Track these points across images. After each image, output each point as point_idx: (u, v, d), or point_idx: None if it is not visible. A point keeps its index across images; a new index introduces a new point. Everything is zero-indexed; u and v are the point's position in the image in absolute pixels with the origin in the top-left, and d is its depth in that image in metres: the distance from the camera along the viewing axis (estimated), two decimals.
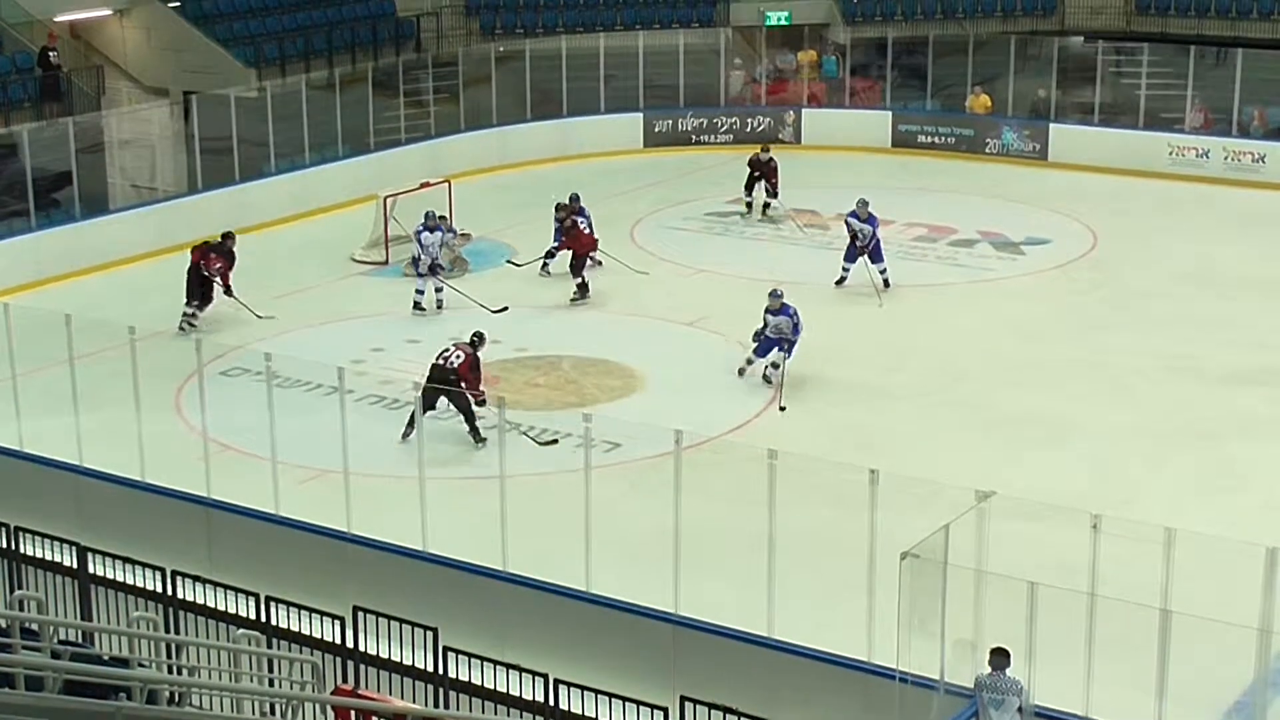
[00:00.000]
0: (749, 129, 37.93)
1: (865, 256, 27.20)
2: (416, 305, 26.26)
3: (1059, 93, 37.04)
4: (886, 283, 27.19)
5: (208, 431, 19.27)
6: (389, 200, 29.09)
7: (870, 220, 27.11)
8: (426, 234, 26.36)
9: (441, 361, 20.83)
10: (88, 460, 18.78)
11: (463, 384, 20.54)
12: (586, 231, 27.10)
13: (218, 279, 25.56)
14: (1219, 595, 14.61)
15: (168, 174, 33.35)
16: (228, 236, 26.16)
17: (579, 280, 26.86)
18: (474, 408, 20.61)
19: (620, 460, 19.22)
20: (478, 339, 21.38)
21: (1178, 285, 27.53)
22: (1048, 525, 16.83)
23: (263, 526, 17.57)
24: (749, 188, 32.14)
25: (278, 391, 18.32)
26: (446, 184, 30.32)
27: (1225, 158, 34.58)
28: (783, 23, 41.15)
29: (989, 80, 37.59)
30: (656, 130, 37.52)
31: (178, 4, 37.09)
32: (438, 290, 26.34)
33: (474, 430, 20.69)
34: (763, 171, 31.85)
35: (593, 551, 15.92)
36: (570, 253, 27.14)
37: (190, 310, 25.27)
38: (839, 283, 27.51)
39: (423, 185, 30.12)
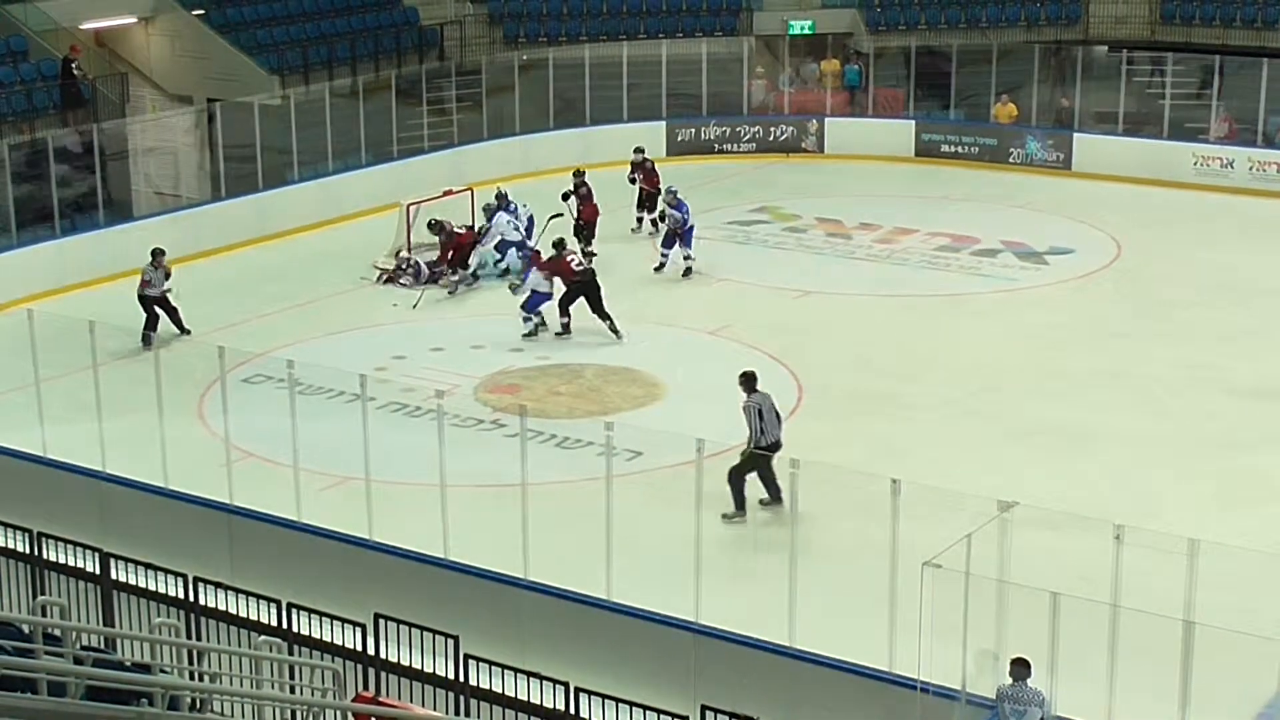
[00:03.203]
0: (772, 138, 37.94)
1: (679, 242, 28.40)
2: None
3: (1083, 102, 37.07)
4: (689, 270, 28.41)
5: (230, 438, 19.31)
6: (411, 208, 29.12)
7: (679, 206, 28.12)
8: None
9: (579, 266, 25.16)
10: (111, 466, 18.84)
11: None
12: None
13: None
14: (1242, 606, 14.59)
15: (191, 181, 33.45)
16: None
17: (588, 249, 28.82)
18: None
19: (642, 469, 19.18)
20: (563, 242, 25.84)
21: (1202, 295, 27.45)
22: (1070, 535, 16.79)
23: (284, 533, 17.59)
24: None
25: (300, 398, 18.37)
26: (469, 192, 30.36)
27: (1250, 168, 34.45)
28: (806, 32, 41.12)
29: (1012, 90, 37.54)
30: (679, 139, 37.52)
31: (202, 12, 37.19)
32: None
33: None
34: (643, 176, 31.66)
35: (614, 560, 15.92)
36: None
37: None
38: (658, 269, 28.56)
39: (445, 193, 30.14)
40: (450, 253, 27.90)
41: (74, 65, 33.12)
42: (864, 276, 28.84)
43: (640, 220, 31.38)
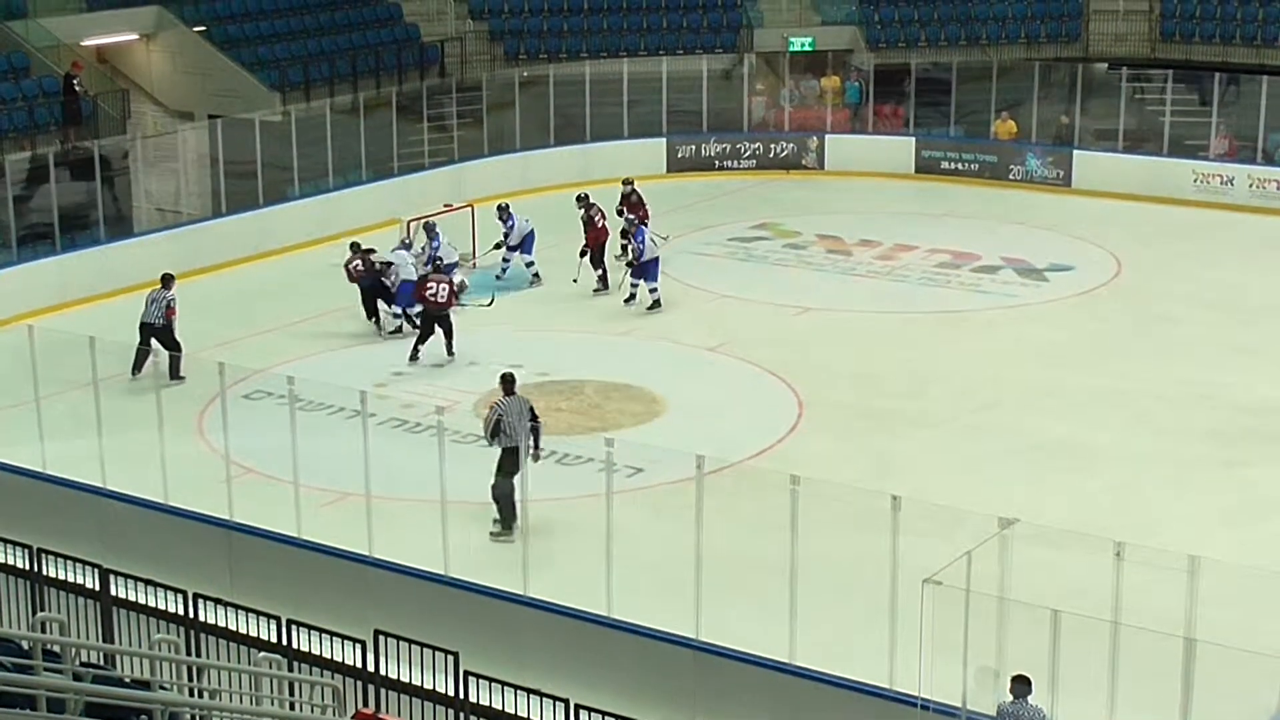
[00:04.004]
0: (772, 154, 37.98)
1: (644, 275, 27.68)
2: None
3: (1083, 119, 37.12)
4: (656, 303, 27.61)
5: (230, 454, 19.30)
6: (411, 224, 29.14)
7: (636, 235, 27.56)
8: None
9: (433, 297, 24.46)
10: (111, 483, 18.82)
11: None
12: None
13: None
14: (1243, 623, 14.57)
15: (192, 197, 33.47)
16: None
17: (600, 272, 28.54)
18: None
19: (642, 485, 19.19)
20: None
21: (1202, 312, 27.45)
22: (1071, 552, 16.77)
23: (284, 550, 17.58)
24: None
25: (300, 415, 18.36)
26: (469, 208, 30.38)
27: (1250, 185, 34.48)
28: (806, 49, 41.18)
29: (1012, 106, 37.59)
30: (680, 155, 37.56)
31: (203, 29, 37.26)
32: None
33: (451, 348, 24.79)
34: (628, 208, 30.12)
35: (614, 576, 15.90)
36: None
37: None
38: (627, 301, 27.78)
39: (445, 209, 30.19)
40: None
41: (75, 81, 33.16)
42: (864, 293, 28.85)
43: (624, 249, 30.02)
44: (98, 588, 16.55)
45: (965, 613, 13.20)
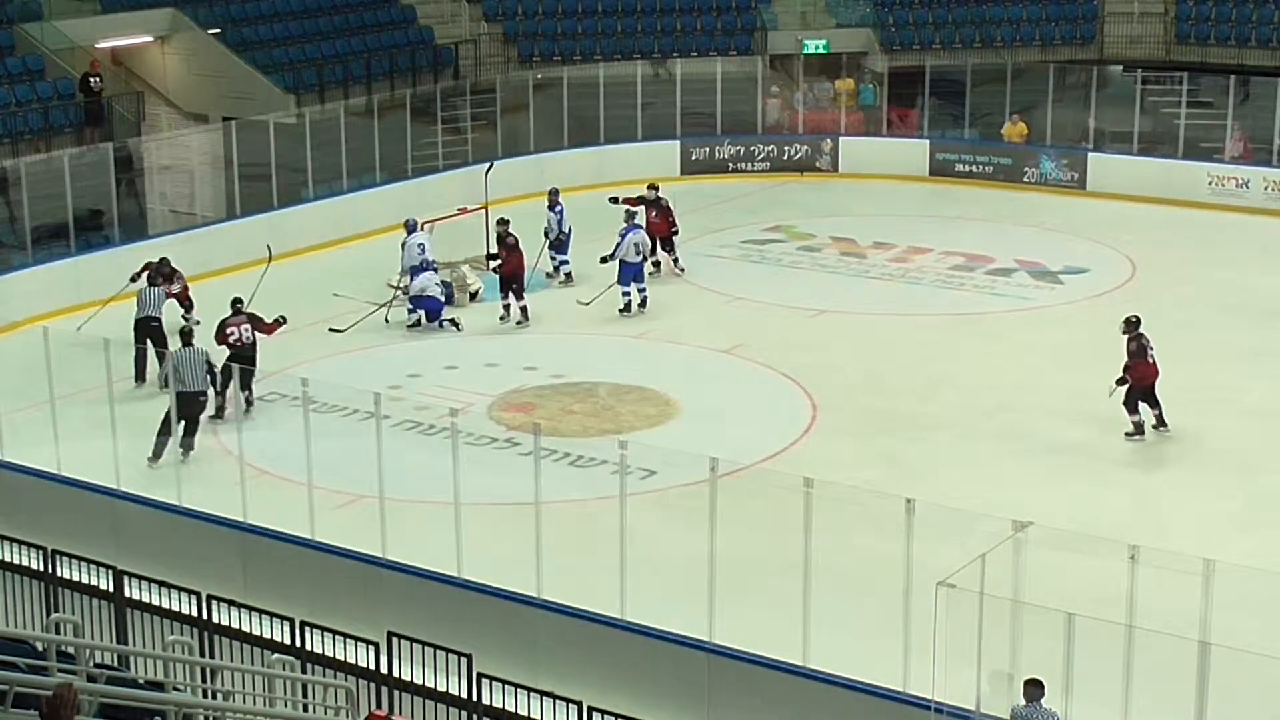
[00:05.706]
0: (786, 157, 37.96)
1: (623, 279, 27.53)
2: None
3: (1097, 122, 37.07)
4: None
5: (244, 456, 19.33)
6: (426, 226, 29.14)
7: (622, 234, 27.50)
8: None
9: (236, 342, 22.76)
10: (125, 484, 18.86)
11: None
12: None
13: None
14: (1258, 627, 14.52)
15: (206, 200, 33.52)
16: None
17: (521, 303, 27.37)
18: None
19: (656, 488, 19.18)
20: (240, 303, 23.61)
21: (1217, 315, 27.38)
22: (1085, 556, 16.72)
23: (298, 551, 17.60)
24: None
25: (314, 416, 18.37)
26: (483, 210, 30.39)
27: (1265, 187, 34.39)
28: (820, 51, 41.18)
29: (1027, 109, 37.54)
30: (694, 158, 37.55)
31: (218, 31, 37.35)
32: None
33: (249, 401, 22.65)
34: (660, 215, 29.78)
35: (627, 579, 15.90)
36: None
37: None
38: (622, 310, 27.43)
39: (460, 211, 30.20)
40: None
41: (94, 80, 33.24)
42: (878, 295, 28.84)
43: (657, 264, 29.60)
44: (112, 589, 16.59)
45: (979, 616, 13.19)
